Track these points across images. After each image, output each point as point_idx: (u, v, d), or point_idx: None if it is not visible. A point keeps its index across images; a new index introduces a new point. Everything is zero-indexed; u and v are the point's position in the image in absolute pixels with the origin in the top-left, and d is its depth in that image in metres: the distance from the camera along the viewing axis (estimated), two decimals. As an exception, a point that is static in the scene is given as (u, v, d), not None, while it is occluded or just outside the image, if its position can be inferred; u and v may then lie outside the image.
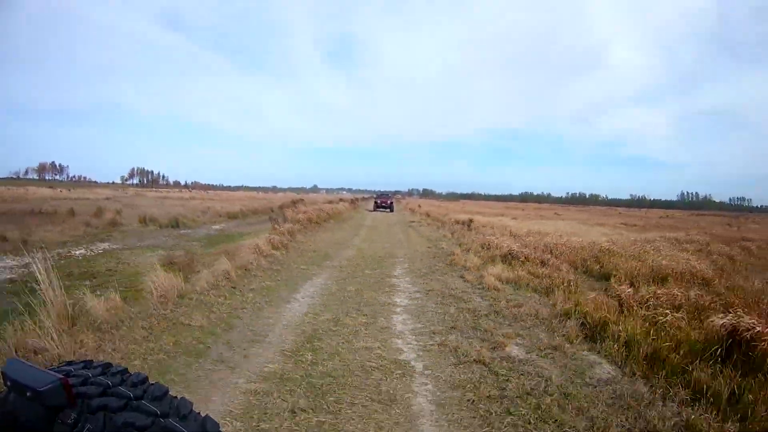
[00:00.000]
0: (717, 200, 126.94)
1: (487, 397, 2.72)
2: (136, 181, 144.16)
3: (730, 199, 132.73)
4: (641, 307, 4.27)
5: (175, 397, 0.91)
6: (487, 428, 2.39)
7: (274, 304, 4.74)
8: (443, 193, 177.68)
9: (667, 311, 4.00)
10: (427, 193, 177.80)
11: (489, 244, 8.87)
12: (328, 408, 2.52)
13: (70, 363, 0.97)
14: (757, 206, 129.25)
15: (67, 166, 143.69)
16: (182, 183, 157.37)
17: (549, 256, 7.56)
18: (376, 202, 31.86)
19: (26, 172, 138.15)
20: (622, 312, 4.23)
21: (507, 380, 2.95)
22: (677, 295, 4.61)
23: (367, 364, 3.18)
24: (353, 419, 2.41)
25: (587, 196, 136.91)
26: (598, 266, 7.25)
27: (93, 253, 9.73)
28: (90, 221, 15.19)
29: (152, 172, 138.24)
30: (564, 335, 3.82)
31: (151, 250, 10.09)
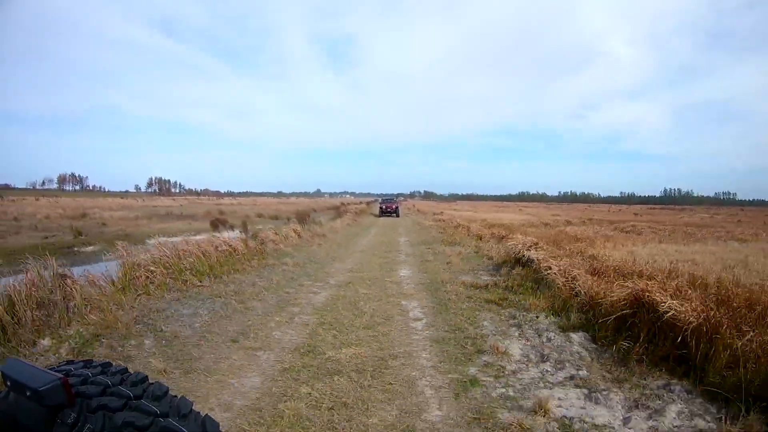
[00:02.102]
0: (699, 195, 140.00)
1: (418, 228, 16.31)
2: (149, 189, 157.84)
3: (715, 193, 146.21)
4: (459, 228, 17.73)
5: (175, 396, 0.95)
6: (416, 233, 15.95)
7: (366, 230, 18.34)
8: (445, 195, 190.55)
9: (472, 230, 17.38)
10: (428, 195, 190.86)
11: (437, 218, 22.40)
12: (391, 230, 16.11)
13: (70, 362, 1.01)
14: (744, 200, 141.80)
15: (86, 177, 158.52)
16: (193, 190, 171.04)
17: (459, 221, 20.97)
18: (381, 208, 31.08)
19: (43, 183, 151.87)
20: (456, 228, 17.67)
21: (420, 230, 16.50)
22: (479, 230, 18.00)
23: (393, 233, 16.79)
24: (395, 232, 16.04)
25: (578, 195, 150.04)
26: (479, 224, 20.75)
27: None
28: (237, 217, 28.83)
29: (169, 181, 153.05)
30: (434, 231, 17.43)
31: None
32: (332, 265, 8.45)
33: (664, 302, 3.87)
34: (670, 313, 3.73)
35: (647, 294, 4.08)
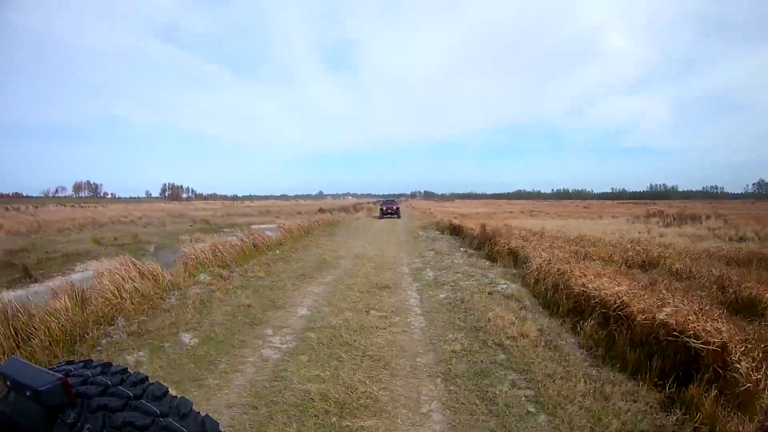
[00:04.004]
0: (687, 189, 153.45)
1: (409, 217, 29.81)
2: (159, 195, 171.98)
3: (703, 187, 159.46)
4: (430, 216, 31.19)
5: (175, 396, 1.00)
6: (408, 217, 29.40)
7: (376, 222, 31.85)
8: (446, 194, 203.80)
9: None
10: (429, 195, 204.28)
11: (423, 211, 35.86)
12: (392, 222, 29.62)
13: (70, 362, 1.05)
14: (734, 193, 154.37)
15: (101, 184, 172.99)
16: (202, 195, 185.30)
17: (432, 212, 34.32)
18: (381, 209, 33.07)
19: (56, 191, 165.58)
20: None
21: (411, 216, 29.97)
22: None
23: (395, 219, 30.31)
24: (397, 221, 29.60)
25: (570, 192, 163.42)
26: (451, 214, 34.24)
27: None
28: (285, 213, 42.37)
29: (181, 186, 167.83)
30: (417, 216, 30.97)
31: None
32: (370, 227, 21.94)
33: (461, 225, 17.25)
34: (464, 227, 17.08)
35: (457, 222, 17.48)
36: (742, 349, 3.47)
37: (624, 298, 4.72)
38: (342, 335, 4.68)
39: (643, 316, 4.28)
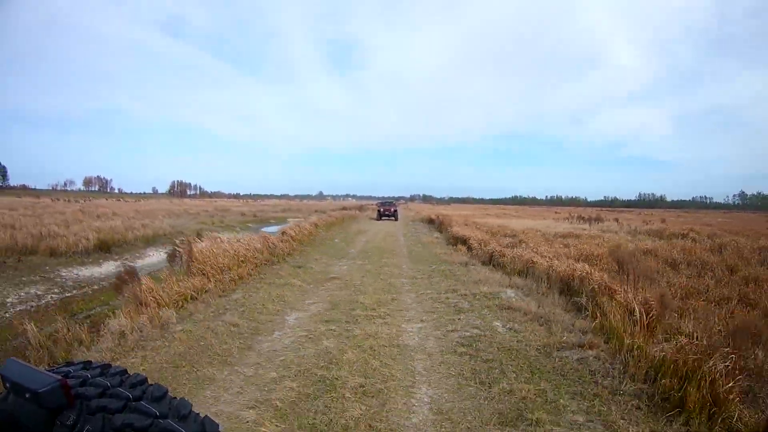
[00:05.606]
0: (677, 199, 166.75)
1: (405, 215, 41.96)
2: (163, 191, 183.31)
3: (692, 198, 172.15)
4: (420, 214, 43.25)
5: (175, 397, 1.02)
6: (403, 217, 41.57)
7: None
8: (445, 198, 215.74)
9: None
10: (427, 199, 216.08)
11: (416, 212, 47.96)
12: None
13: (69, 364, 1.08)
14: (718, 203, 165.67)
15: (111, 179, 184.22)
16: (206, 192, 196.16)
17: (424, 213, 46.29)
18: (379, 211, 35.33)
19: (65, 184, 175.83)
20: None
21: (406, 215, 42.09)
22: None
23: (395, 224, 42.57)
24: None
25: (563, 198, 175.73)
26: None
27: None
28: (304, 212, 54.42)
29: (189, 183, 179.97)
30: (411, 215, 43.20)
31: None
32: (373, 223, 33.98)
33: (433, 218, 29.26)
34: (434, 219, 29.10)
35: (432, 217, 29.49)
36: (475, 238, 15.61)
37: (466, 233, 16.75)
38: (380, 243, 16.80)
39: (466, 236, 16.34)
